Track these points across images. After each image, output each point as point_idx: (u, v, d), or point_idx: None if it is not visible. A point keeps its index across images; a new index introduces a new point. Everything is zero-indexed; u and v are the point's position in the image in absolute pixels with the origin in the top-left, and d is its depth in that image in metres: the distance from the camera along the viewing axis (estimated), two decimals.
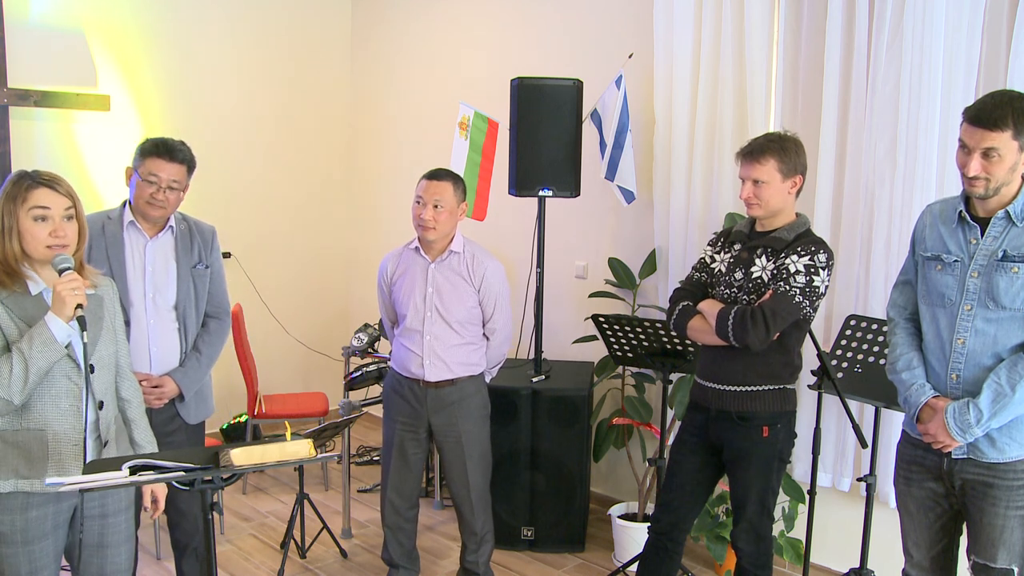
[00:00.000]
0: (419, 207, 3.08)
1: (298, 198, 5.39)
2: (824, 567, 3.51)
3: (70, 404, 2.15)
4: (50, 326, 2.05)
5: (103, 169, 4.48)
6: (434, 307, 3.13)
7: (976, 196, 2.17)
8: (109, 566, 2.27)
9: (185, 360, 2.87)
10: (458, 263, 3.16)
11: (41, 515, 2.13)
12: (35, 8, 4.20)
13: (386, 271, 3.27)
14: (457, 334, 3.16)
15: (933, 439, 2.22)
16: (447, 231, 3.12)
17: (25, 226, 2.09)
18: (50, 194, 2.11)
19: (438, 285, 3.14)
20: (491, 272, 3.18)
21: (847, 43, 3.25)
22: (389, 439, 3.27)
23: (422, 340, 3.14)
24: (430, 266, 3.15)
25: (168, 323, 2.84)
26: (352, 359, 4.15)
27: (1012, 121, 2.04)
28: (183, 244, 2.88)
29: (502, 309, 3.24)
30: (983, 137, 2.08)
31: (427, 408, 3.18)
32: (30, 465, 2.11)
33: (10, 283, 2.11)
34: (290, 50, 5.24)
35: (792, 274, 2.56)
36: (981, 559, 2.21)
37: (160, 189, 2.73)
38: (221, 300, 3.01)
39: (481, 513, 3.29)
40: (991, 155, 2.08)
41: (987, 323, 2.16)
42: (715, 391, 2.72)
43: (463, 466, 3.22)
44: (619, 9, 4.12)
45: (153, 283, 2.81)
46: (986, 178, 2.11)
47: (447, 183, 3.08)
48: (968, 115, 2.12)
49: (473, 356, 3.23)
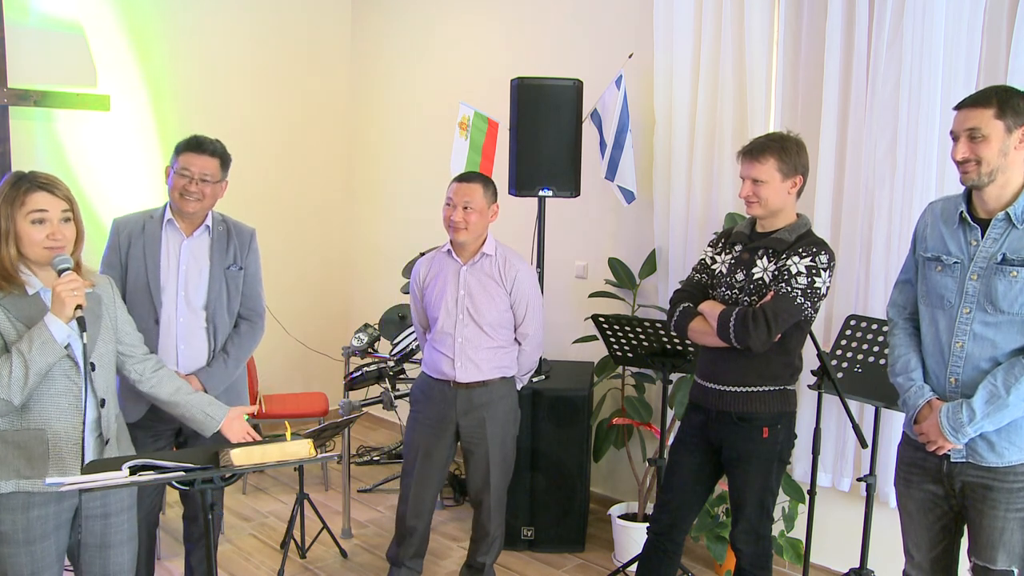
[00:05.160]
0: (449, 209, 3.08)
1: (298, 198, 5.39)
2: (824, 567, 3.51)
3: (70, 403, 2.15)
4: (50, 327, 2.06)
5: (103, 169, 4.48)
6: (466, 309, 3.11)
7: (970, 184, 2.15)
8: (112, 566, 2.27)
9: (212, 360, 2.89)
10: (490, 266, 3.15)
11: (43, 515, 2.13)
12: (35, 8, 4.20)
13: (419, 275, 3.25)
14: (489, 337, 3.13)
15: (927, 439, 2.22)
16: (478, 232, 3.11)
17: (23, 229, 2.10)
18: (48, 197, 2.12)
19: (470, 288, 3.12)
20: (523, 275, 3.16)
21: (847, 43, 3.25)
22: (415, 443, 3.22)
23: (454, 343, 3.12)
24: (462, 268, 3.14)
25: (197, 322, 2.87)
26: (352, 359, 4.15)
27: (996, 100, 2.07)
28: (219, 245, 2.91)
29: (534, 313, 3.21)
30: (966, 117, 2.10)
31: (456, 410, 3.15)
32: (31, 465, 2.11)
33: (7, 286, 2.11)
34: (290, 50, 5.24)
35: (794, 275, 2.56)
36: (981, 561, 2.20)
37: (192, 181, 2.78)
38: (255, 302, 3.03)
39: (497, 515, 3.28)
40: (975, 136, 2.09)
41: (985, 327, 2.15)
42: (715, 392, 2.71)
43: (486, 469, 3.19)
44: (619, 9, 4.12)
45: (185, 282, 2.85)
46: (976, 160, 2.10)
47: (477, 185, 3.08)
48: (957, 103, 2.16)
49: (505, 359, 3.20)
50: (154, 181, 4.61)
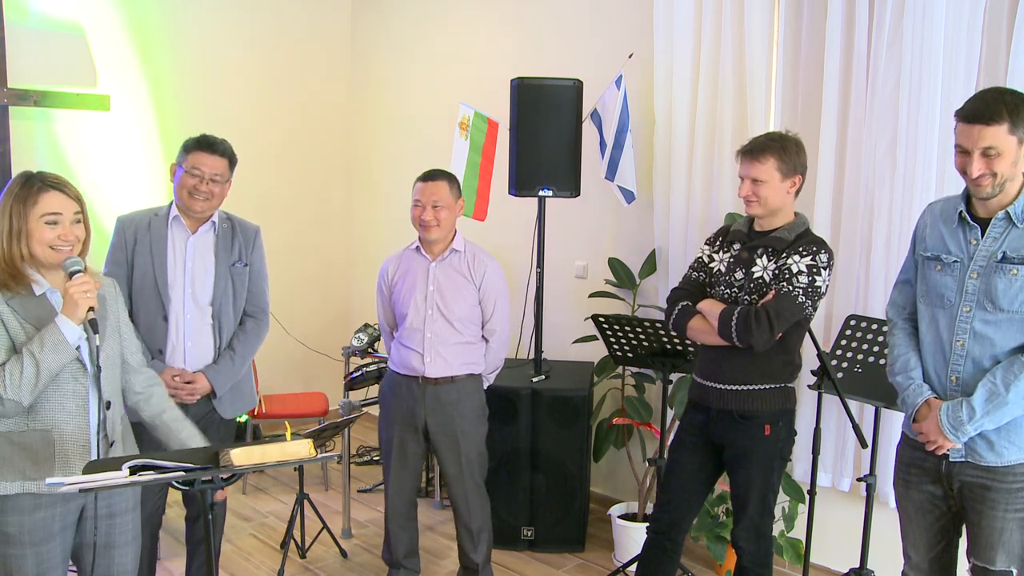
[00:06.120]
0: (418, 209, 3.11)
1: (298, 198, 5.39)
2: (824, 567, 3.51)
3: (77, 405, 2.15)
4: (62, 328, 2.06)
5: (103, 169, 4.48)
6: (435, 305, 3.15)
7: (983, 196, 2.14)
8: (116, 567, 2.27)
9: (219, 358, 2.90)
10: (459, 261, 3.19)
11: (48, 516, 2.13)
12: (35, 8, 4.20)
13: (387, 273, 3.29)
14: (458, 332, 3.17)
15: (927, 438, 2.22)
16: (449, 228, 3.16)
17: (34, 228, 2.09)
18: (61, 198, 2.12)
19: (439, 283, 3.16)
20: (491, 271, 3.21)
21: (847, 43, 3.25)
22: (388, 440, 3.28)
23: (423, 338, 3.15)
24: (431, 265, 3.17)
25: (204, 319, 2.88)
26: (352, 359, 4.15)
27: (1007, 113, 2.03)
28: (224, 242, 2.92)
29: (502, 309, 3.26)
30: (980, 134, 2.06)
31: (424, 407, 3.19)
32: (36, 466, 2.10)
33: (14, 285, 2.11)
34: (290, 51, 5.24)
35: (795, 274, 2.56)
36: (980, 562, 2.20)
37: (203, 180, 2.81)
38: (260, 299, 3.04)
39: (478, 511, 3.29)
40: (990, 153, 2.06)
41: (986, 325, 2.15)
42: (716, 390, 2.71)
43: (460, 467, 3.23)
44: (619, 9, 4.12)
45: (192, 279, 2.86)
46: (992, 174, 2.08)
47: (442, 182, 3.12)
48: (962, 114, 2.10)
49: (473, 355, 3.24)
50: (154, 181, 4.61)
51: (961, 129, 2.10)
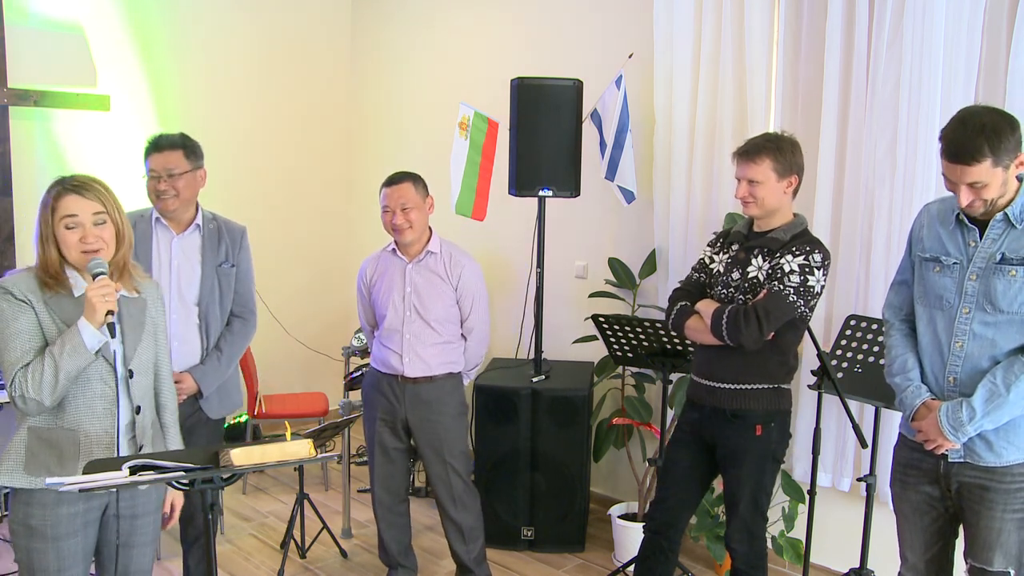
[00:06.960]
0: (388, 215, 3.13)
1: (298, 198, 5.39)
2: (824, 567, 3.51)
3: (104, 407, 2.15)
4: (81, 332, 2.06)
5: (103, 169, 4.45)
6: (413, 306, 3.18)
7: (976, 216, 2.16)
8: (133, 565, 2.28)
9: (206, 358, 2.90)
10: (435, 263, 3.21)
11: (72, 512, 2.14)
12: (35, 8, 4.20)
13: (365, 274, 3.31)
14: (436, 332, 3.20)
15: (926, 438, 2.22)
16: (422, 228, 3.18)
17: (60, 233, 2.11)
18: (77, 200, 2.11)
19: (416, 285, 3.18)
20: (468, 271, 3.23)
21: (847, 43, 3.25)
22: (371, 437, 3.31)
23: (402, 339, 3.18)
24: (408, 266, 3.20)
25: (190, 320, 2.88)
26: (352, 359, 4.15)
27: (989, 150, 2.01)
28: (210, 243, 2.92)
29: (480, 308, 3.28)
30: (964, 173, 2.06)
31: (404, 405, 3.21)
32: (62, 464, 2.11)
33: (55, 285, 2.13)
34: (290, 51, 5.24)
35: (786, 274, 2.57)
36: (978, 563, 2.20)
37: (161, 180, 2.80)
38: (247, 300, 3.04)
39: (465, 510, 3.30)
40: (976, 186, 2.07)
41: (985, 326, 2.15)
42: (709, 388, 2.72)
43: (444, 464, 3.25)
44: (619, 9, 4.12)
45: (178, 279, 2.86)
46: (982, 200, 2.10)
47: (407, 184, 3.13)
48: (945, 150, 2.09)
49: (452, 354, 3.26)
50: None
51: (946, 164, 2.10)
